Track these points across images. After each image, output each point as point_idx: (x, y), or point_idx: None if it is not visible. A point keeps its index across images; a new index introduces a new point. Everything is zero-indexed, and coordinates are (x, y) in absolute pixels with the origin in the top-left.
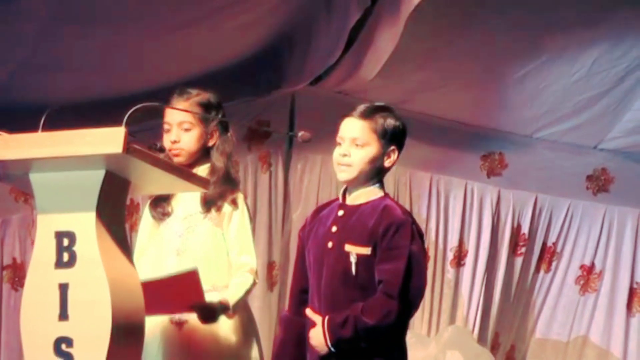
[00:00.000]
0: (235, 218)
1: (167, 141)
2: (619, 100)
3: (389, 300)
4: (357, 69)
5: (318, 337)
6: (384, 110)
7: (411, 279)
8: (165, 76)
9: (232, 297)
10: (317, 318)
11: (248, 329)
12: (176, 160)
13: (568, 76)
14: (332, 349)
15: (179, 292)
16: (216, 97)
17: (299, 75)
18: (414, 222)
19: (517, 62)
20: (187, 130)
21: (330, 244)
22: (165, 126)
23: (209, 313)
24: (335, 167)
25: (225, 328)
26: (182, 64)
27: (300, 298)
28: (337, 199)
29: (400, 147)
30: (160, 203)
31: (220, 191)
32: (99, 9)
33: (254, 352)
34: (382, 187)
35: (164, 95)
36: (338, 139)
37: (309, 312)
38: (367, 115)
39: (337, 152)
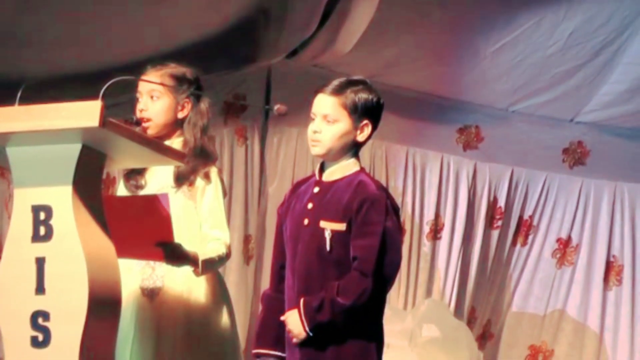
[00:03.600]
0: (208, 192)
1: (137, 109)
2: (596, 73)
3: (364, 278)
4: (333, 42)
5: (296, 323)
6: (357, 84)
7: (386, 255)
8: (141, 49)
9: (202, 254)
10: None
11: (220, 298)
12: (145, 130)
13: (544, 49)
14: (311, 334)
15: (147, 221)
16: (193, 73)
17: (275, 48)
18: (388, 197)
19: (493, 34)
20: (155, 98)
21: (306, 221)
22: (137, 95)
23: (175, 253)
24: (308, 142)
25: (197, 297)
26: (158, 37)
27: (281, 275)
28: (314, 174)
29: (374, 121)
30: (133, 176)
31: (192, 166)
32: None
33: (225, 320)
34: (357, 161)
35: (139, 69)
36: (311, 115)
37: (283, 317)
38: (338, 90)
39: (310, 128)
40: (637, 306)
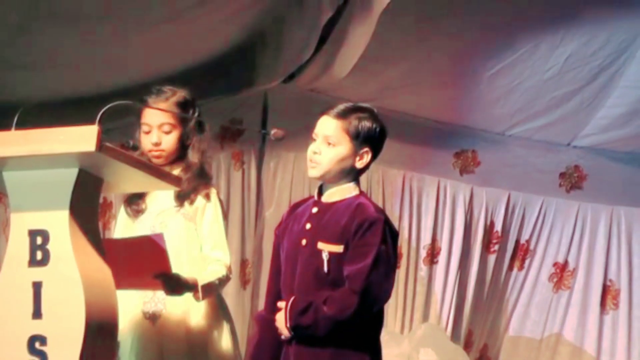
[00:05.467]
0: (208, 213)
1: (147, 143)
2: (592, 97)
3: (352, 294)
4: (330, 67)
5: (281, 319)
6: (363, 111)
7: (377, 278)
8: (137, 74)
9: (202, 279)
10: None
11: (221, 318)
12: (156, 161)
13: (541, 73)
14: (292, 333)
15: (144, 258)
16: (190, 94)
17: (271, 73)
18: (387, 221)
19: (490, 59)
20: (167, 132)
21: (304, 242)
22: (145, 127)
23: (174, 283)
24: (307, 162)
25: (198, 319)
26: (154, 62)
27: (277, 297)
28: (313, 196)
29: (375, 150)
30: (134, 200)
31: (193, 185)
32: (73, 6)
33: (227, 340)
34: (357, 185)
35: (136, 93)
36: (313, 135)
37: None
38: (343, 115)
39: (310, 148)
40: (633, 330)
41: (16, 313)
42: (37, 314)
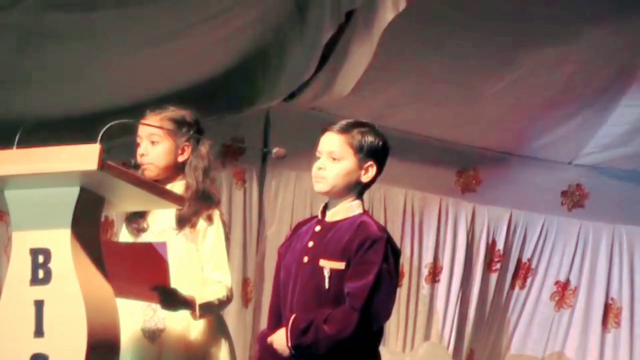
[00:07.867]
0: (209, 234)
1: (138, 155)
2: (594, 115)
3: (353, 312)
4: (332, 86)
5: (280, 338)
6: (364, 126)
7: (378, 296)
8: (139, 93)
9: (200, 298)
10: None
11: (220, 336)
12: (146, 174)
13: (543, 91)
14: (293, 352)
15: (144, 266)
16: (193, 115)
17: (273, 91)
18: (389, 239)
19: (492, 77)
20: (155, 143)
21: (306, 259)
22: (138, 139)
23: (171, 298)
24: (313, 179)
25: (197, 337)
26: (156, 81)
27: (280, 315)
28: (317, 216)
29: (379, 163)
30: (135, 219)
31: (194, 209)
32: (73, 25)
33: (225, 357)
34: (361, 203)
35: (138, 112)
36: (317, 153)
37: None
38: (345, 129)
39: (315, 165)
40: (635, 348)
41: (18, 331)
42: (39, 332)
